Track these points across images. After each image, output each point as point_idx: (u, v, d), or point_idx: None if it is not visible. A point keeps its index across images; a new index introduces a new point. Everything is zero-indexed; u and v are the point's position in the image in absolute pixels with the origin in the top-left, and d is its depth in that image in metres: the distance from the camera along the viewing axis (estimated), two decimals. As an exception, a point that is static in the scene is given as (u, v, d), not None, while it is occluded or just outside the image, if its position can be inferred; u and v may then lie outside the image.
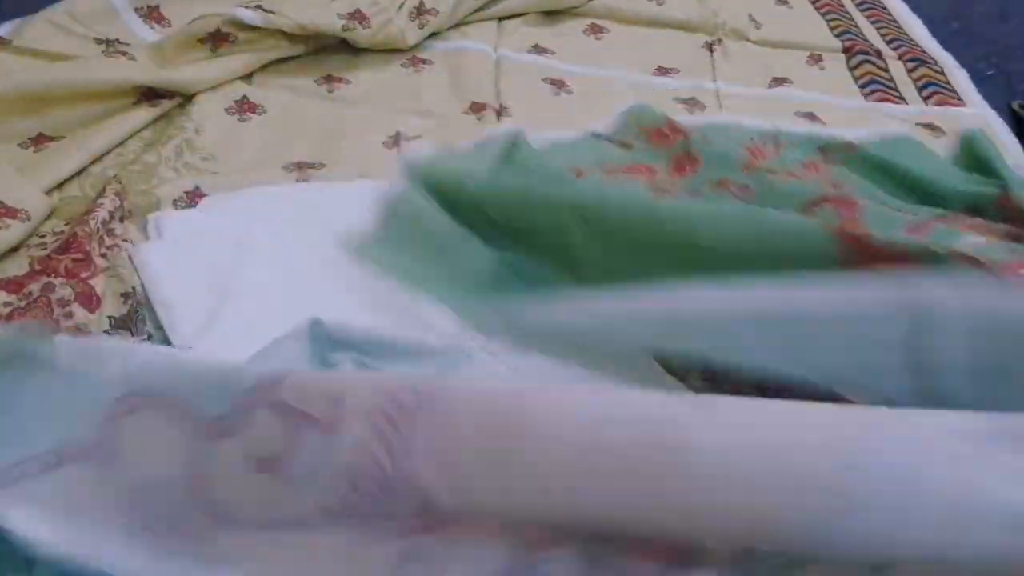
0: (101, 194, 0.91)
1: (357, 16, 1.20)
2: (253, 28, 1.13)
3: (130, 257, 0.85)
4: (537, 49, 1.37)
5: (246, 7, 1.14)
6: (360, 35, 1.20)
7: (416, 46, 1.29)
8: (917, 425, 0.51)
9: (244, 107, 1.11)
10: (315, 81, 1.19)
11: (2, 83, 0.95)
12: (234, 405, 0.55)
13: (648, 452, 0.50)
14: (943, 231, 0.83)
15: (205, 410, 0.55)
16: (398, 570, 0.53)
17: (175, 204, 0.95)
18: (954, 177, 1.05)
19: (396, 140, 1.11)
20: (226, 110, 1.10)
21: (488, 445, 0.52)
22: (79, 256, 0.83)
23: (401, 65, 1.26)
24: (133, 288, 0.82)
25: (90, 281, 0.82)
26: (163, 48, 1.11)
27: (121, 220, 0.90)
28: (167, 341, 0.79)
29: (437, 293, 0.79)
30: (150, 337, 0.79)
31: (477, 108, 1.19)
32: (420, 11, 1.28)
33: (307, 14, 1.16)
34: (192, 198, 0.95)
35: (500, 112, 1.20)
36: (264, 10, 1.14)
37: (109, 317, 0.80)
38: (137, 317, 0.80)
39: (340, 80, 1.20)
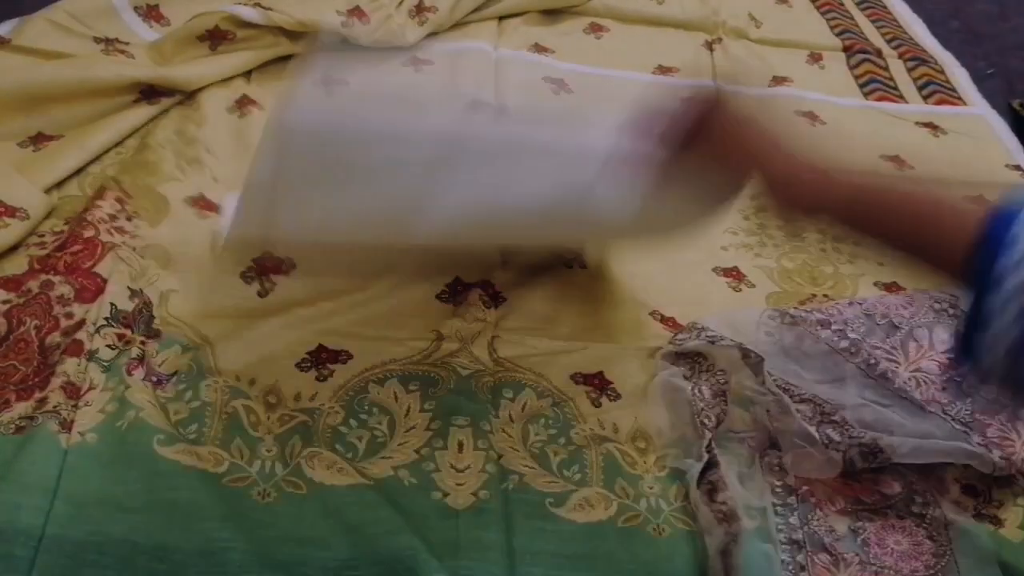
0: (100, 195, 0.91)
1: (356, 12, 1.20)
2: (252, 25, 1.13)
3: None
4: (537, 48, 1.36)
5: (245, 4, 1.14)
6: (359, 31, 1.20)
7: (416, 46, 1.29)
8: None
9: (245, 106, 1.11)
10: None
11: (1, 81, 0.95)
12: None
13: None
14: None
15: None
16: None
17: (183, 203, 0.94)
18: None
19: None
20: (227, 109, 1.10)
21: None
22: (79, 248, 0.83)
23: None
24: (140, 289, 0.82)
25: (94, 269, 0.81)
26: (162, 46, 1.11)
27: (128, 219, 0.90)
28: (177, 343, 0.79)
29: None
30: (151, 336, 0.79)
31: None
32: (420, 9, 1.28)
33: (306, 10, 1.16)
34: (197, 200, 0.96)
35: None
36: (263, 7, 1.14)
37: (111, 304, 0.79)
38: (141, 318, 0.80)
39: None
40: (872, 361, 0.83)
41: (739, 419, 0.80)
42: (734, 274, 1.00)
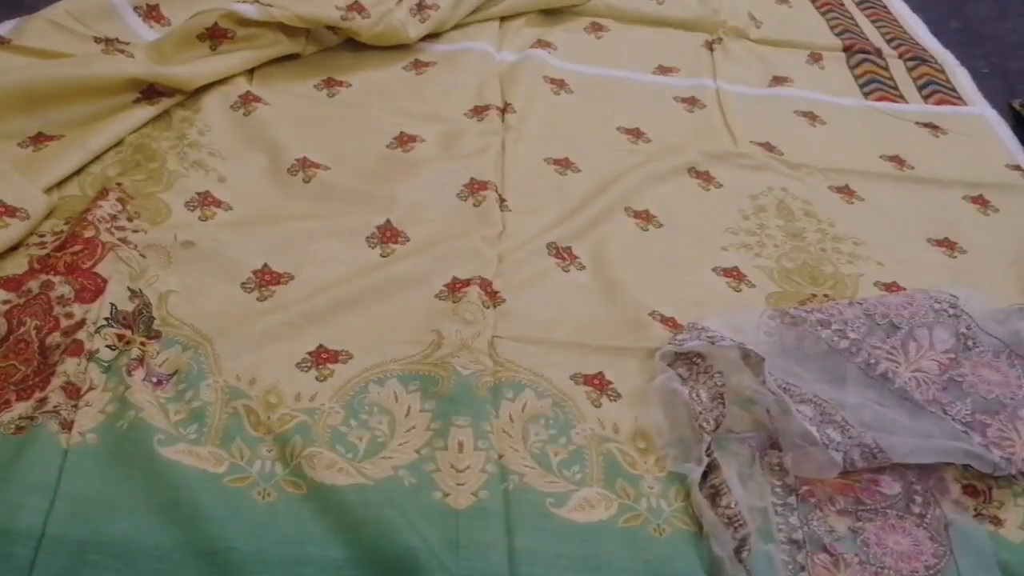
0: (101, 196, 0.91)
1: (356, 7, 1.20)
2: (253, 24, 1.13)
3: None
4: (538, 48, 1.36)
5: (244, 1, 1.13)
6: (360, 25, 1.20)
7: (418, 49, 1.29)
8: None
9: (249, 103, 1.11)
10: (315, 85, 1.19)
11: (1, 81, 0.95)
12: None
13: None
14: None
15: None
16: None
17: (186, 206, 0.95)
18: None
19: (399, 142, 1.11)
20: (231, 106, 1.10)
21: None
22: (79, 248, 0.83)
23: (403, 68, 1.26)
24: (140, 289, 0.82)
25: (95, 270, 0.82)
26: (162, 46, 1.11)
27: (129, 220, 0.90)
28: (177, 343, 0.79)
29: None
30: (151, 336, 0.79)
31: (479, 110, 1.19)
32: (421, 6, 1.28)
33: (306, 6, 1.16)
34: (203, 199, 0.96)
35: (504, 111, 1.19)
36: (262, 3, 1.13)
37: (111, 304, 0.79)
38: (142, 318, 0.80)
39: (341, 83, 1.20)
40: (872, 361, 0.83)
41: (739, 419, 0.80)
42: (734, 274, 1.00)
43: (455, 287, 0.90)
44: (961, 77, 1.47)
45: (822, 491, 0.76)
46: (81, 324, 0.77)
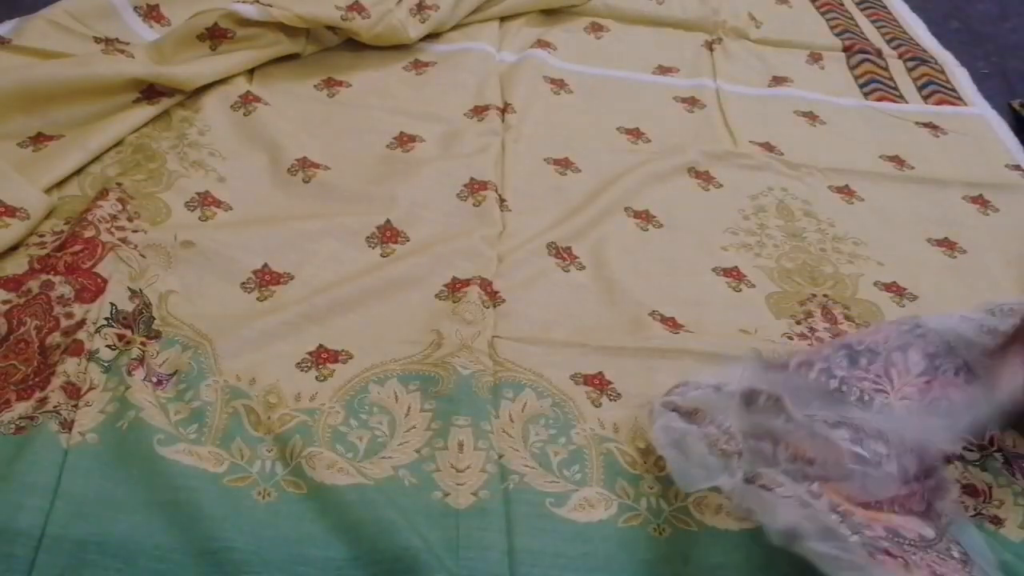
0: (101, 196, 0.91)
1: (356, 7, 1.20)
2: (253, 24, 1.13)
3: None
4: (538, 48, 1.36)
5: (244, 1, 1.13)
6: (360, 25, 1.20)
7: (418, 49, 1.29)
8: None
9: (249, 102, 1.11)
10: (315, 85, 1.19)
11: (1, 81, 0.95)
12: None
13: None
14: None
15: None
16: None
17: (186, 206, 0.95)
18: None
19: (399, 142, 1.11)
20: (231, 106, 1.10)
21: None
22: (79, 248, 0.83)
23: (403, 68, 1.26)
24: (140, 289, 0.82)
25: (95, 270, 0.82)
26: (162, 46, 1.11)
27: (129, 220, 0.90)
28: (177, 343, 0.79)
29: None
30: (151, 336, 0.79)
31: (479, 110, 1.19)
32: (421, 6, 1.28)
33: (306, 6, 1.16)
34: (203, 199, 0.96)
35: (504, 110, 1.19)
36: (263, 3, 1.14)
37: (111, 304, 0.79)
38: (142, 318, 0.80)
39: (341, 83, 1.20)
40: (866, 398, 0.81)
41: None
42: (734, 274, 1.00)
43: (455, 287, 0.90)
44: (961, 77, 1.47)
45: (861, 515, 0.73)
46: (81, 324, 0.77)
